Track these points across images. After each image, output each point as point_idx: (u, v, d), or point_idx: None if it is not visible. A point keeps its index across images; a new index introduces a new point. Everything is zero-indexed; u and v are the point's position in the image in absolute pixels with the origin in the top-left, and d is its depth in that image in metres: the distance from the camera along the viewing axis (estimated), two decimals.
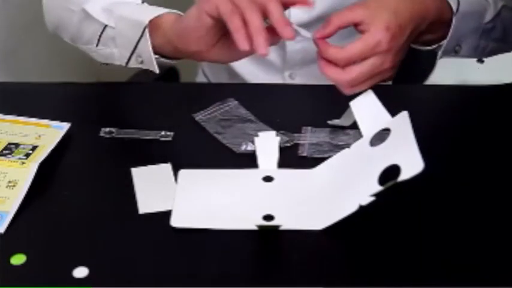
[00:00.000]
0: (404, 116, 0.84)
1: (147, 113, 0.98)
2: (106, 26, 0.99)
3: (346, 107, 1.00)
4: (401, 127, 0.83)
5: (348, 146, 0.90)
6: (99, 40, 1.00)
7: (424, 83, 1.48)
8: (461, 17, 0.91)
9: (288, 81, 1.22)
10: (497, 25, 0.99)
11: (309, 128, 0.97)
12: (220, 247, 0.81)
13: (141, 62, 0.98)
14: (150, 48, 0.95)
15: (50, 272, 0.77)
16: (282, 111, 1.01)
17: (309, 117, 0.99)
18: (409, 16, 0.87)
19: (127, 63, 1.00)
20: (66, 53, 1.74)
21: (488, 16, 0.96)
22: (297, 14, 1.13)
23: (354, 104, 0.89)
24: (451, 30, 0.91)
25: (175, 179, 0.88)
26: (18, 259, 0.78)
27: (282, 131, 0.96)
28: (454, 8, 0.91)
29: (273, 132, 0.94)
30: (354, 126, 0.97)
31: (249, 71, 1.23)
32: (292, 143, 0.95)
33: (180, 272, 0.77)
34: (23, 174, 0.87)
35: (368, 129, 0.86)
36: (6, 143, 0.92)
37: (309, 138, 0.95)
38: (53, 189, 0.88)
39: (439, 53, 0.94)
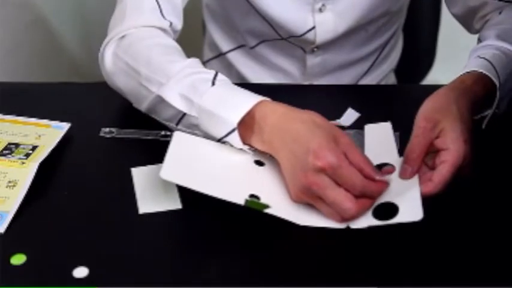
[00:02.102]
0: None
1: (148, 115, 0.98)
2: (186, 113, 0.91)
3: (346, 107, 1.01)
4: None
5: None
6: (179, 122, 0.93)
7: (423, 83, 1.49)
8: (503, 84, 0.91)
9: None
10: None
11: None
12: (220, 247, 0.81)
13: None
14: (242, 145, 0.87)
15: (50, 272, 0.77)
16: None
17: None
18: (469, 112, 0.87)
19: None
20: (66, 53, 1.75)
21: None
22: (322, 34, 1.13)
23: (368, 128, 0.90)
24: (495, 103, 0.91)
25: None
26: (18, 259, 0.78)
27: None
28: (497, 82, 0.90)
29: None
30: (354, 126, 0.97)
31: (266, 82, 1.23)
32: None
33: (180, 272, 0.77)
34: (23, 174, 0.87)
35: (372, 159, 0.87)
36: (6, 143, 0.92)
37: None
38: (53, 189, 0.88)
39: (485, 122, 0.93)
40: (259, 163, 0.88)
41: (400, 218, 0.80)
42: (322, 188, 0.80)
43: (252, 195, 0.83)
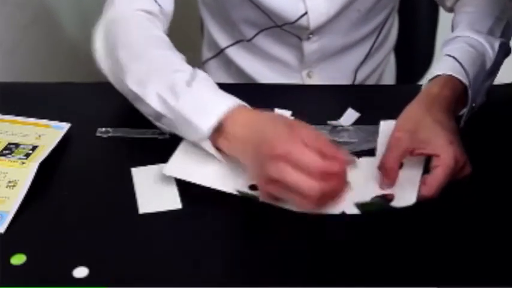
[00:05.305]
0: (420, 159, 0.85)
1: None
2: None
3: (346, 107, 1.01)
4: (414, 167, 0.85)
5: (349, 142, 0.93)
6: (158, 120, 0.93)
7: (423, 82, 1.49)
8: (472, 83, 0.92)
9: (306, 79, 1.22)
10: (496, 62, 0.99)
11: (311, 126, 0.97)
12: (220, 247, 0.81)
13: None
14: (215, 152, 0.87)
15: (50, 272, 0.77)
16: None
17: (310, 116, 0.99)
18: (446, 116, 0.87)
19: None
20: (66, 53, 1.75)
21: (489, 62, 0.96)
22: (315, 18, 1.13)
23: (383, 124, 0.91)
24: (469, 102, 0.91)
25: (175, 179, 0.88)
26: (18, 259, 0.78)
27: None
28: (467, 82, 0.91)
29: (289, 112, 0.95)
30: (353, 124, 0.98)
31: (265, 75, 1.23)
32: None
33: (180, 272, 0.77)
34: (23, 174, 0.87)
35: (383, 153, 0.87)
36: (6, 143, 0.92)
37: None
38: (53, 189, 0.88)
39: (462, 121, 0.93)
40: None
41: (394, 203, 0.81)
42: (281, 173, 0.79)
43: (252, 186, 0.84)
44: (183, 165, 0.87)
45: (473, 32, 0.98)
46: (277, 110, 0.96)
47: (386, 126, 0.91)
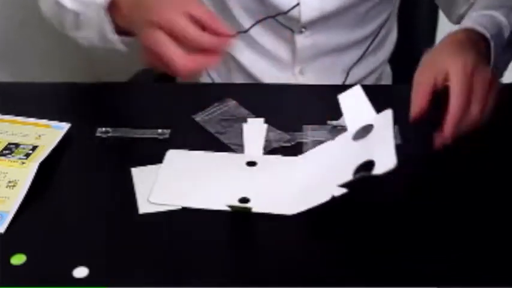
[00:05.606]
0: (387, 114, 0.85)
1: (146, 114, 0.98)
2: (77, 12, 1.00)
3: None
4: (383, 124, 0.84)
5: None
6: (77, 26, 1.01)
7: None
8: (493, 40, 0.93)
9: (298, 76, 1.22)
10: None
11: (309, 126, 0.97)
12: (220, 247, 0.81)
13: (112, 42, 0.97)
14: (111, 28, 0.95)
15: (50, 272, 0.77)
16: (281, 111, 1.01)
17: (309, 117, 1.00)
18: (456, 43, 0.90)
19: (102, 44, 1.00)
20: (66, 53, 1.75)
21: (506, 31, 0.97)
22: (307, 11, 1.13)
23: (342, 98, 0.90)
24: (492, 52, 0.92)
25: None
26: (18, 259, 0.78)
27: (282, 130, 0.96)
28: (488, 34, 0.92)
29: (261, 120, 0.95)
30: None
31: (259, 68, 1.23)
32: (294, 142, 0.95)
33: (180, 272, 0.77)
34: (23, 174, 0.87)
35: (353, 124, 0.87)
36: (6, 143, 0.92)
37: (310, 137, 0.96)
38: (53, 189, 0.88)
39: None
40: (251, 164, 0.89)
41: (376, 171, 0.79)
42: (156, 43, 0.82)
43: (242, 198, 0.84)
44: (169, 190, 0.86)
45: (487, 10, 0.99)
46: (250, 120, 0.97)
47: (345, 98, 0.90)
